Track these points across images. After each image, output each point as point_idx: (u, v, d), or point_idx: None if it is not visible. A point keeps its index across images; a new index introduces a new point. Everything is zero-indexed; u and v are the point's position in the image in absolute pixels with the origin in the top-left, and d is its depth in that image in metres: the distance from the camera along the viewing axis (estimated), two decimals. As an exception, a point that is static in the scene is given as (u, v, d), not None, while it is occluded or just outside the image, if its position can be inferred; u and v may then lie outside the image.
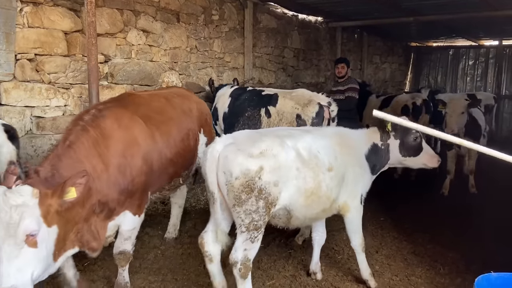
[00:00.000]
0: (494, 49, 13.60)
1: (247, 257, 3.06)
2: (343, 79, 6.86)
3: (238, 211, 3.00)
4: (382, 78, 13.23)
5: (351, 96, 6.71)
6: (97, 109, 3.30)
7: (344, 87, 6.75)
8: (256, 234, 3.06)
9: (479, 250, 4.57)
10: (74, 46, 5.01)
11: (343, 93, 6.75)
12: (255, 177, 2.94)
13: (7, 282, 2.33)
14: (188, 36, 6.50)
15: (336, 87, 6.99)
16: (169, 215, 5.36)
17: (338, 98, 6.63)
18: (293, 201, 3.20)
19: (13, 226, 2.38)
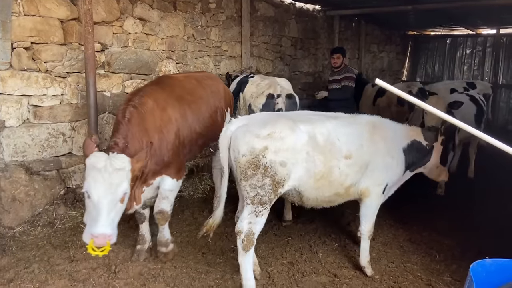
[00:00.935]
0: (492, 38, 13.55)
1: (251, 231, 3.27)
2: (338, 68, 6.74)
3: (244, 184, 3.26)
4: (379, 67, 13.20)
5: (347, 86, 6.63)
6: (143, 90, 3.91)
7: (340, 76, 6.66)
8: (261, 209, 3.27)
9: (474, 237, 4.64)
10: (71, 35, 4.98)
11: (339, 82, 6.68)
12: (259, 155, 3.18)
13: (106, 230, 2.97)
14: (185, 25, 6.45)
15: (332, 77, 6.88)
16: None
17: (334, 88, 6.75)
18: (302, 182, 3.40)
19: (115, 186, 3.03)
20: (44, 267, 3.72)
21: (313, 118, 3.58)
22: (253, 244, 3.30)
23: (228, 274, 3.73)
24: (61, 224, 4.59)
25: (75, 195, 5.07)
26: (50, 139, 4.91)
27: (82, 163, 5.16)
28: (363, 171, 3.60)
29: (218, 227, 4.71)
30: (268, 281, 3.66)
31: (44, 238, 4.29)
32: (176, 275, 3.68)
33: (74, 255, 3.96)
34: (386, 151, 3.72)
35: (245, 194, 3.27)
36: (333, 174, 3.44)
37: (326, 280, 3.71)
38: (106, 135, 5.49)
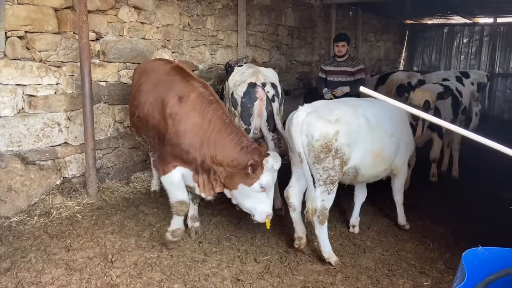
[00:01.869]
0: (489, 26, 13.54)
1: (324, 207, 3.73)
2: (343, 58, 6.18)
3: (317, 167, 3.63)
4: (376, 57, 13.17)
5: (363, 79, 6.15)
6: (208, 88, 4.09)
7: (354, 68, 6.09)
8: (332, 187, 3.71)
9: (468, 226, 4.68)
10: (65, 23, 4.93)
11: (352, 75, 6.09)
12: (332, 139, 3.55)
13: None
14: (180, 13, 6.41)
15: (338, 67, 6.19)
16: (164, 194, 5.40)
17: (346, 81, 6.11)
18: (362, 160, 3.85)
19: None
20: (41, 256, 3.74)
21: (361, 103, 4.11)
22: (327, 217, 3.79)
23: (224, 263, 3.76)
24: (58, 214, 4.59)
25: (71, 184, 5.08)
26: (46, 129, 4.90)
27: (78, 153, 5.18)
28: (398, 149, 4.19)
29: (215, 217, 4.79)
30: (263, 269, 3.69)
31: (40, 227, 4.30)
32: (172, 264, 3.71)
33: (71, 245, 3.97)
34: (408, 133, 4.41)
35: (318, 176, 3.66)
36: (385, 151, 3.97)
37: (321, 269, 3.75)
38: (101, 124, 5.48)
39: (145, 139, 4.40)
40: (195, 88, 3.95)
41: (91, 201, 4.93)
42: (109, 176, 5.57)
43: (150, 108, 4.09)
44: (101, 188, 5.25)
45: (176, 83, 4.04)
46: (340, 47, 6.14)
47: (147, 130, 4.21)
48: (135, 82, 4.57)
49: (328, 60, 6.44)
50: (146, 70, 4.58)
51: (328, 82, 6.26)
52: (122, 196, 5.23)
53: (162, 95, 3.99)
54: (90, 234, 4.20)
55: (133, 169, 5.93)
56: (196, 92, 3.91)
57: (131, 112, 4.49)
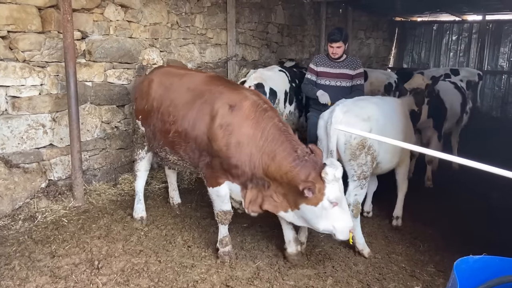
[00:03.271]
0: (478, 24, 13.58)
1: (357, 200, 3.98)
2: (339, 59, 5.11)
3: (353, 164, 3.89)
4: (366, 54, 13.16)
5: (362, 85, 5.21)
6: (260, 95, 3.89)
7: (355, 71, 5.08)
8: (364, 182, 3.97)
9: (458, 227, 4.68)
10: (49, 23, 4.80)
11: (351, 80, 5.11)
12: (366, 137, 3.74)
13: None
14: (168, 12, 6.29)
15: (335, 69, 5.12)
16: (153, 196, 5.36)
17: (344, 86, 5.12)
18: (384, 155, 4.11)
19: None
20: (25, 263, 3.64)
21: (377, 100, 4.41)
22: (360, 210, 4.04)
23: (213, 268, 3.70)
24: (43, 218, 4.49)
25: (57, 187, 4.97)
26: (30, 131, 4.77)
27: (64, 155, 5.07)
28: (404, 141, 4.34)
29: (204, 220, 4.73)
30: (253, 275, 3.64)
31: (25, 232, 4.20)
32: (160, 270, 3.64)
33: (56, 251, 3.88)
34: (408, 123, 4.66)
35: (352, 172, 3.91)
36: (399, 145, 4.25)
37: (311, 273, 3.71)
38: (88, 125, 5.37)
39: (182, 156, 3.96)
40: (247, 97, 3.65)
41: (77, 205, 4.83)
42: (96, 178, 5.47)
43: (192, 121, 3.75)
44: (87, 191, 5.15)
45: (224, 93, 3.72)
46: (335, 49, 4.98)
47: (186, 146, 3.85)
48: (160, 97, 4.09)
49: (321, 60, 5.22)
50: (172, 83, 4.12)
51: (320, 86, 5.14)
52: (110, 199, 5.13)
53: (209, 106, 3.67)
54: (76, 239, 4.11)
55: (121, 170, 5.83)
56: (249, 101, 3.61)
57: (164, 130, 3.98)
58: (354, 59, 5.23)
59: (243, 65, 7.88)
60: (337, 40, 4.93)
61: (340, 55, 5.04)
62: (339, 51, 4.99)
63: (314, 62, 5.29)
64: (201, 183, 5.81)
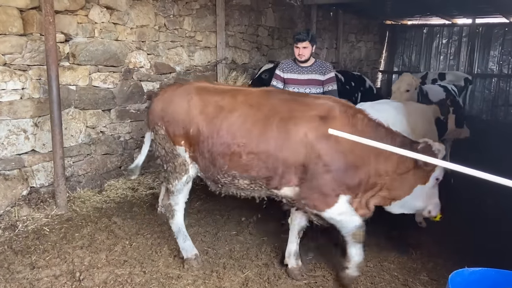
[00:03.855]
0: (467, 27, 13.64)
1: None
2: (308, 62, 4.70)
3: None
4: (357, 57, 13.13)
5: (335, 91, 4.73)
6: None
7: (325, 76, 4.68)
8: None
9: (450, 233, 4.60)
10: (31, 25, 4.65)
11: (321, 85, 4.72)
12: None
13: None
14: (156, 14, 6.17)
15: (303, 74, 4.69)
16: (139, 203, 5.21)
17: (317, 92, 4.69)
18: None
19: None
20: (4, 275, 3.48)
21: (398, 105, 4.59)
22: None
23: (200, 279, 3.57)
24: (24, 227, 4.33)
25: (39, 195, 4.81)
26: (11, 136, 4.61)
27: (47, 161, 4.91)
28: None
29: (192, 227, 4.59)
30: (242, 285, 3.52)
31: (5, 242, 4.03)
32: (145, 282, 3.50)
33: (36, 262, 3.72)
34: (433, 131, 4.77)
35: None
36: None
37: (301, 283, 3.60)
38: (72, 130, 5.22)
39: (256, 179, 3.43)
40: (331, 105, 3.36)
41: (60, 213, 4.67)
42: (80, 185, 5.31)
43: (274, 141, 3.28)
44: (71, 198, 4.99)
45: (304, 105, 3.38)
46: (301, 50, 4.58)
47: (267, 168, 3.35)
48: (212, 118, 3.48)
49: (288, 65, 4.77)
50: (223, 100, 3.52)
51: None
52: (94, 206, 4.97)
53: (292, 122, 3.28)
54: (58, 249, 3.95)
55: (106, 176, 5.68)
56: (337, 107, 3.33)
57: (231, 153, 3.39)
58: (323, 63, 4.79)
59: (233, 68, 7.77)
60: (303, 39, 4.51)
61: (307, 57, 4.61)
62: (306, 52, 4.57)
63: (280, 68, 4.78)
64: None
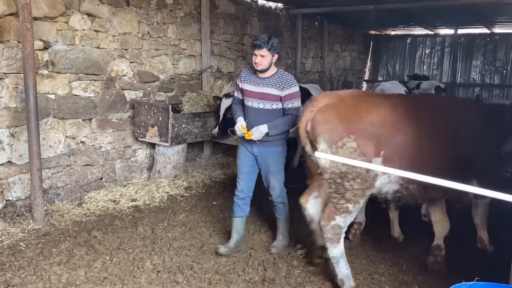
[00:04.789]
0: (450, 38, 13.85)
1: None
2: (267, 74, 3.94)
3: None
4: (342, 67, 13.18)
5: (296, 109, 3.90)
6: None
7: (284, 91, 3.88)
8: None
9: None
10: (8, 31, 4.49)
11: (279, 102, 3.93)
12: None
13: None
14: (139, 21, 6.04)
15: (259, 86, 3.96)
16: (121, 215, 5.02)
17: (273, 109, 3.96)
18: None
19: None
20: (-26, 295, 3.27)
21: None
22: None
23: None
24: (-2, 242, 4.10)
25: (15, 208, 4.60)
26: (-15, 147, 4.41)
27: (24, 173, 4.70)
28: None
29: (176, 241, 4.42)
30: (228, 302, 3.37)
31: (-23, 259, 3.81)
32: (126, 300, 3.32)
33: (11, 279, 3.51)
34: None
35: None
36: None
37: (290, 298, 3.47)
38: (50, 141, 5.03)
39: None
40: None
41: (37, 227, 4.45)
42: (59, 197, 5.11)
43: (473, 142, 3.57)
44: (49, 211, 4.78)
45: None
46: (258, 58, 3.83)
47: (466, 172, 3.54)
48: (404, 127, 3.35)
49: (247, 75, 4.07)
50: (402, 107, 3.47)
51: (246, 108, 4.07)
52: (73, 220, 4.76)
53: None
54: (34, 266, 3.74)
55: (86, 188, 5.48)
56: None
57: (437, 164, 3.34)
58: (284, 76, 3.94)
59: (218, 77, 7.66)
60: (260, 46, 3.77)
61: (265, 67, 3.87)
62: (264, 62, 3.83)
63: (240, 77, 4.14)
64: (173, 200, 5.53)
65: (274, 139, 3.99)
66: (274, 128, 3.90)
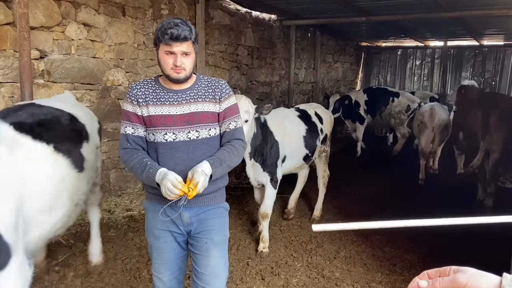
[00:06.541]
0: (440, 49, 14.07)
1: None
2: (184, 82, 2.38)
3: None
4: (335, 77, 13.32)
5: (241, 130, 2.51)
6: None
7: (220, 102, 2.44)
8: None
9: (435, 250, 4.57)
10: (4, 41, 4.47)
11: (216, 121, 2.43)
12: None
13: None
14: (135, 31, 6.06)
15: (179, 105, 2.36)
16: (116, 225, 4.99)
17: (211, 137, 2.41)
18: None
19: None
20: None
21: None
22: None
23: None
24: None
25: (9, 219, 4.52)
26: (-21, 157, 4.35)
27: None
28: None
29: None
30: (227, 311, 3.35)
31: None
32: (123, 310, 3.29)
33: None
34: None
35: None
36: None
37: (289, 307, 3.46)
38: (46, 151, 4.98)
39: None
40: None
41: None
42: (54, 207, 5.05)
43: None
44: (44, 222, 4.73)
45: None
46: (178, 57, 2.27)
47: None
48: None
49: (146, 91, 2.40)
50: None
51: (156, 147, 2.36)
52: (68, 230, 4.71)
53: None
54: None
55: (82, 198, 5.43)
56: None
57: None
58: (213, 81, 2.47)
59: (213, 87, 7.69)
60: (184, 38, 2.24)
61: (189, 73, 2.35)
62: (188, 62, 2.30)
63: (132, 96, 2.37)
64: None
65: (215, 187, 2.41)
66: (219, 166, 2.29)
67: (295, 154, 4.83)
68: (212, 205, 2.43)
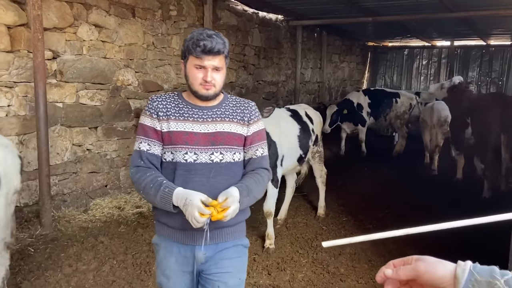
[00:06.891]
0: (446, 49, 14.09)
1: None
2: (212, 100, 2.11)
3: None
4: (341, 77, 13.39)
5: (267, 158, 2.24)
6: None
7: (249, 125, 2.16)
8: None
9: (437, 247, 4.63)
10: (19, 42, 4.61)
11: (241, 146, 2.15)
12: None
13: None
14: (144, 32, 6.19)
15: (204, 122, 2.07)
16: (126, 221, 5.11)
17: (235, 161, 2.12)
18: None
19: None
20: (-15, 298, 3.34)
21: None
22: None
23: None
24: (7, 247, 4.18)
25: (23, 214, 4.68)
26: (-5, 154, 4.50)
27: (31, 180, 4.80)
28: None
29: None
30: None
31: None
32: (134, 302, 3.41)
33: (21, 283, 3.60)
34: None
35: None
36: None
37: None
38: (58, 148, 5.13)
39: None
40: None
41: (44, 232, 4.54)
42: (65, 204, 5.19)
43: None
44: (56, 217, 4.87)
45: None
46: (209, 72, 2.02)
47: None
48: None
49: (169, 105, 2.12)
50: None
51: (174, 167, 2.06)
52: (80, 226, 4.85)
53: None
54: (43, 269, 3.82)
55: (92, 195, 5.57)
56: None
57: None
58: (242, 101, 2.23)
59: (220, 87, 7.80)
60: (218, 51, 2.01)
61: (219, 89, 2.11)
62: (220, 79, 2.08)
63: (152, 108, 2.11)
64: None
65: (236, 221, 2.06)
66: (247, 195, 2.01)
67: (292, 154, 4.87)
68: (230, 241, 2.12)
